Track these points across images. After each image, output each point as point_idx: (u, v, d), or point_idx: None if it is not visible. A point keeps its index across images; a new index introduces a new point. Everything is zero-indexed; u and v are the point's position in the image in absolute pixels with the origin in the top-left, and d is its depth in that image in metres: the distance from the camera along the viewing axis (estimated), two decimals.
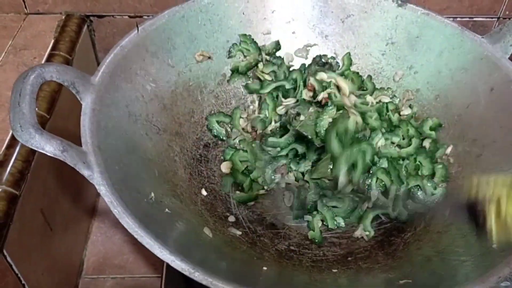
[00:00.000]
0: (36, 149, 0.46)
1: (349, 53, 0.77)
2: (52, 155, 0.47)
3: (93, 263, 0.82)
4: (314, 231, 0.62)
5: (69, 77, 0.54)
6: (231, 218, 0.63)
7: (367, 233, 0.62)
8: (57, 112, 0.70)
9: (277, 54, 0.78)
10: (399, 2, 0.73)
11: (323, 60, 0.77)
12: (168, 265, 0.65)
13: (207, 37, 0.73)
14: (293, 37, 0.78)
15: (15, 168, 0.60)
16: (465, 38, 0.69)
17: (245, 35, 0.76)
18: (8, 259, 0.56)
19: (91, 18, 0.88)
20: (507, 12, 0.90)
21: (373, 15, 0.75)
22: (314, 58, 0.77)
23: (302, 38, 0.78)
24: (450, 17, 0.87)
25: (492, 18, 0.91)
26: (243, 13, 0.75)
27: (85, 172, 0.48)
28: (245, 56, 0.77)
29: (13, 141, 0.62)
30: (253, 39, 0.76)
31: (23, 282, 0.60)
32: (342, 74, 0.74)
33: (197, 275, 0.43)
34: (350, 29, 0.77)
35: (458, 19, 0.90)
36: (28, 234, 0.62)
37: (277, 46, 0.78)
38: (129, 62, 0.63)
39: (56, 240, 0.71)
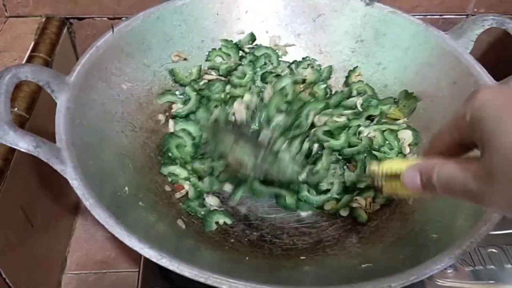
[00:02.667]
0: (10, 145, 0.48)
1: (330, 66, 0.80)
2: (25, 151, 0.49)
3: (76, 259, 0.84)
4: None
5: (44, 76, 0.56)
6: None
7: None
8: (36, 112, 0.72)
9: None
10: (367, 1, 0.76)
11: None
12: (145, 260, 0.68)
13: (182, 37, 0.76)
14: (266, 36, 0.81)
15: None
16: (429, 34, 0.72)
17: (227, 40, 0.79)
18: None
19: (71, 20, 0.90)
20: (475, 10, 0.93)
21: (343, 14, 0.78)
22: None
23: (275, 36, 0.80)
24: (420, 15, 0.91)
25: (461, 15, 0.94)
26: (217, 14, 0.78)
27: (58, 167, 0.50)
28: (224, 60, 0.79)
29: None
30: (236, 44, 0.79)
31: (3, 275, 0.62)
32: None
33: (164, 261, 0.45)
34: (321, 27, 0.79)
35: (428, 16, 0.93)
36: (8, 230, 0.64)
37: (252, 37, 0.80)
38: (104, 62, 0.65)
39: (37, 236, 0.73)
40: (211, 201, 0.66)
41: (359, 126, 0.71)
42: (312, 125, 0.71)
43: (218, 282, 0.44)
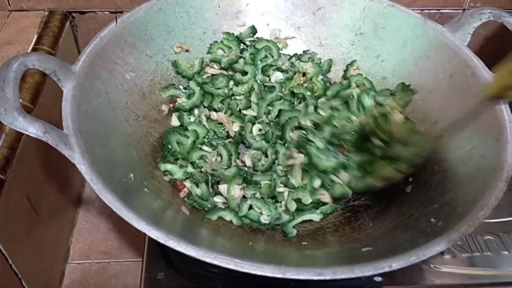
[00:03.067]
0: (19, 130, 0.49)
1: (330, 60, 0.82)
2: (35, 136, 0.50)
3: (79, 249, 0.85)
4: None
5: (51, 65, 0.57)
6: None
7: None
8: (40, 103, 0.73)
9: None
10: None
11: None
12: (148, 249, 0.69)
13: (184, 29, 0.77)
14: (267, 29, 0.82)
15: (1, 154, 0.63)
16: (427, 27, 0.74)
17: (228, 33, 0.80)
18: None
19: (73, 14, 0.91)
20: (471, 4, 0.95)
21: (343, 7, 0.79)
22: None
23: (276, 29, 0.82)
24: (418, 9, 0.92)
25: (458, 10, 0.95)
26: (219, 6, 0.79)
27: (66, 152, 0.51)
28: (225, 53, 0.81)
29: None
30: (237, 36, 0.80)
31: (10, 262, 0.63)
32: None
33: (171, 243, 0.46)
34: (321, 20, 0.81)
35: (426, 11, 0.95)
36: (14, 217, 0.65)
37: (253, 30, 0.82)
38: (108, 52, 0.66)
39: (42, 225, 0.74)
40: (217, 199, 0.67)
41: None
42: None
43: (225, 262, 0.45)
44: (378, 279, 0.61)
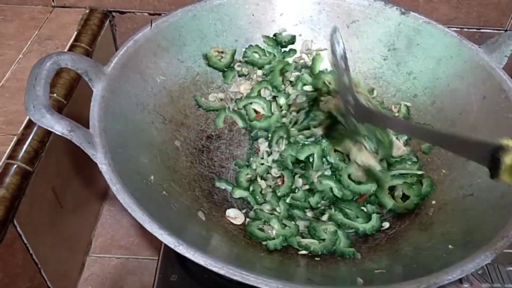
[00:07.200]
0: (46, 127, 0.51)
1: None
2: (60, 134, 0.52)
3: (100, 243, 0.87)
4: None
5: (83, 65, 0.59)
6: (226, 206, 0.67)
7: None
8: (74, 99, 0.75)
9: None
10: (402, 10, 0.76)
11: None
12: (165, 249, 0.70)
13: (217, 36, 0.78)
14: (299, 39, 0.82)
15: (31, 147, 0.65)
16: (463, 47, 0.72)
17: (268, 37, 0.81)
18: (18, 229, 0.62)
19: (113, 13, 0.94)
20: None
21: (377, 22, 0.78)
22: None
23: (307, 41, 0.82)
24: (457, 27, 0.90)
25: (499, 30, 0.93)
26: (253, 15, 0.79)
27: (89, 151, 0.53)
28: (260, 57, 0.81)
29: (31, 123, 0.68)
30: (275, 40, 0.81)
31: (31, 252, 0.65)
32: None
33: (181, 249, 0.47)
34: (355, 34, 0.80)
35: (465, 29, 0.92)
36: (39, 209, 0.67)
37: (292, 39, 0.82)
38: (140, 55, 0.68)
39: (66, 217, 0.77)
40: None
41: None
42: None
43: (231, 273, 0.45)
44: None
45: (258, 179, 0.71)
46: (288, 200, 0.68)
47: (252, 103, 0.78)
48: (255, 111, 0.78)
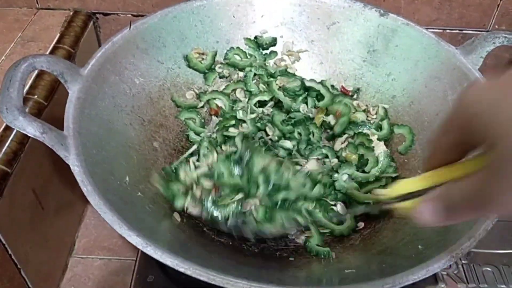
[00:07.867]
0: (18, 129, 0.52)
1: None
2: (32, 136, 0.52)
3: (84, 244, 0.88)
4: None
5: (59, 67, 0.60)
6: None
7: None
8: (55, 100, 0.76)
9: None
10: (382, 11, 0.77)
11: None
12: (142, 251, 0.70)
13: (198, 37, 0.78)
14: (280, 41, 0.82)
15: (10, 148, 0.66)
16: (440, 48, 0.72)
17: (250, 39, 0.81)
18: None
19: (97, 15, 0.94)
20: (496, 26, 0.92)
21: (357, 23, 0.79)
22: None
23: (289, 42, 0.82)
24: (439, 29, 0.91)
25: (481, 31, 0.93)
26: (234, 16, 0.80)
27: (62, 153, 0.53)
28: (241, 59, 0.81)
29: None
30: (257, 42, 0.81)
31: (9, 252, 0.66)
32: None
33: (149, 249, 0.47)
34: (335, 35, 0.81)
35: (447, 31, 0.93)
36: (18, 210, 0.67)
37: (274, 41, 0.82)
38: (119, 57, 0.68)
39: (47, 219, 0.77)
40: None
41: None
42: None
43: (197, 273, 0.46)
44: None
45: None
46: None
47: (216, 99, 0.79)
48: (217, 106, 0.78)
